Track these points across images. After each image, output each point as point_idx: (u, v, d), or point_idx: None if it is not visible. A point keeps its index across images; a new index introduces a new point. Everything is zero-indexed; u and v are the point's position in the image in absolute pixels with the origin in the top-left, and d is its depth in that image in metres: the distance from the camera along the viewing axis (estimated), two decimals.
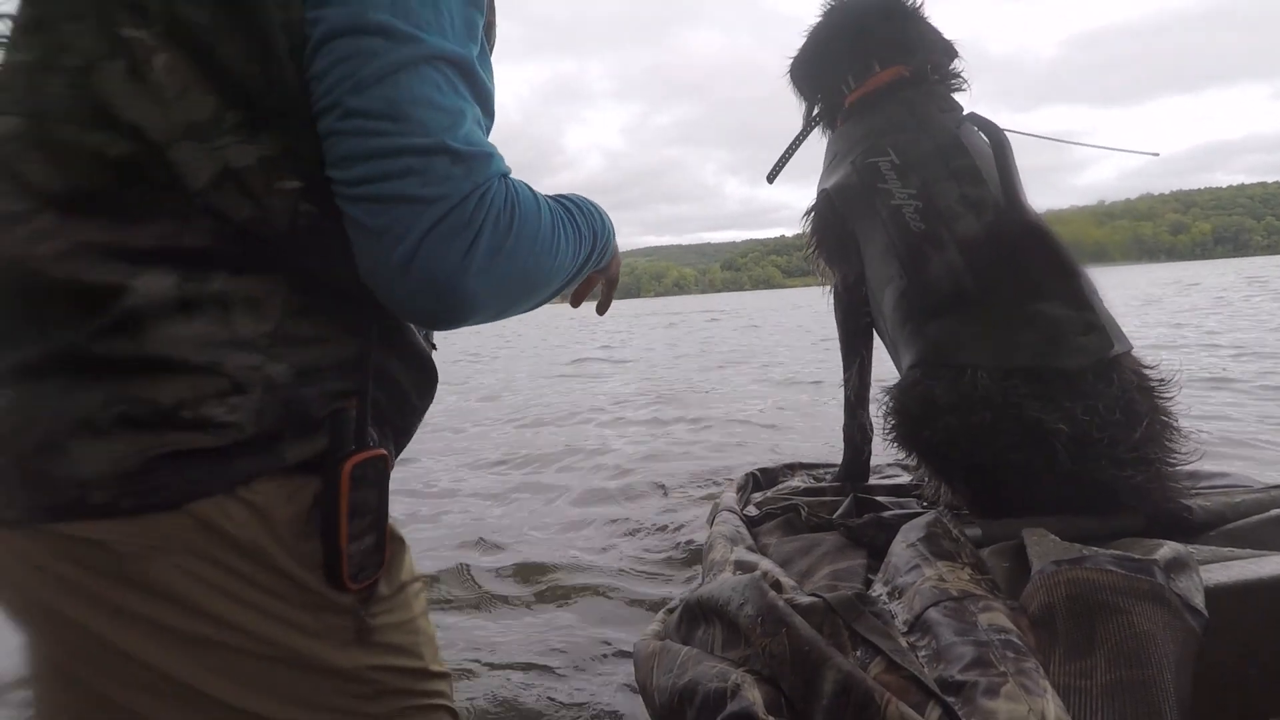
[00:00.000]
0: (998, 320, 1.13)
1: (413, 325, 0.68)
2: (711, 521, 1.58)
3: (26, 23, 0.59)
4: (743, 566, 1.09)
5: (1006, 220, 1.18)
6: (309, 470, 0.59)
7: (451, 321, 0.59)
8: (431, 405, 0.74)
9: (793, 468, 1.85)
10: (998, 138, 1.24)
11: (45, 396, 0.53)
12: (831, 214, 1.47)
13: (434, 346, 0.74)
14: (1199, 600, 0.73)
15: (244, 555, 0.56)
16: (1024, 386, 1.06)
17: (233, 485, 0.56)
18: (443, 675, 0.71)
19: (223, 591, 0.56)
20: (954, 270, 1.17)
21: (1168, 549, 0.81)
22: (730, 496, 1.60)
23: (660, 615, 1.10)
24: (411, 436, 0.72)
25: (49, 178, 0.54)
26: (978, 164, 1.25)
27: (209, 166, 0.55)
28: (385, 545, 0.64)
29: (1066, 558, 0.76)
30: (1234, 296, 13.54)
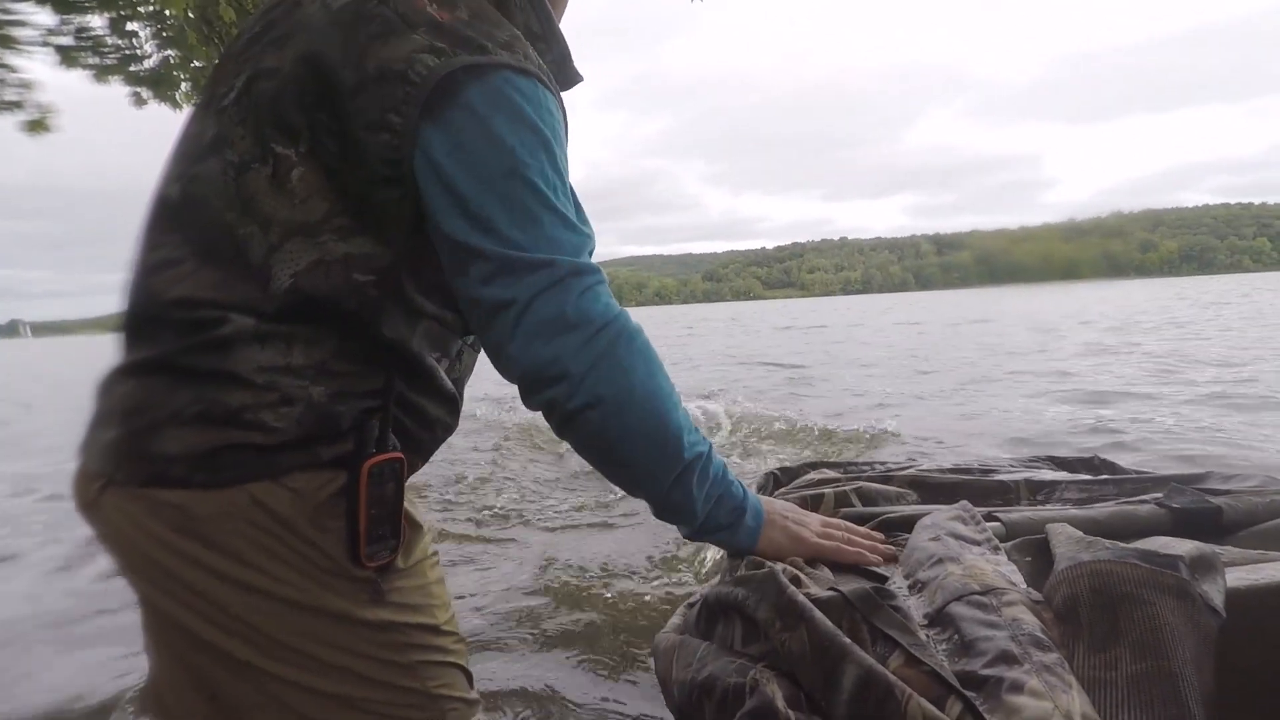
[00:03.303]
0: None
1: (440, 369, 0.84)
2: None
3: (207, 99, 0.78)
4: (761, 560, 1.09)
5: None
6: (339, 466, 0.74)
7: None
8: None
9: (815, 466, 1.84)
10: None
11: (154, 389, 0.71)
12: None
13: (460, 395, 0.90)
14: (1218, 601, 0.72)
15: (285, 527, 0.71)
16: None
17: (277, 474, 0.71)
18: (453, 634, 0.84)
19: (269, 552, 0.71)
20: None
21: (1192, 547, 0.80)
22: None
23: (680, 609, 1.10)
24: (436, 448, 0.88)
25: (197, 235, 0.72)
26: None
27: (308, 255, 0.71)
28: (401, 530, 0.78)
29: (1090, 551, 0.76)
30: None
